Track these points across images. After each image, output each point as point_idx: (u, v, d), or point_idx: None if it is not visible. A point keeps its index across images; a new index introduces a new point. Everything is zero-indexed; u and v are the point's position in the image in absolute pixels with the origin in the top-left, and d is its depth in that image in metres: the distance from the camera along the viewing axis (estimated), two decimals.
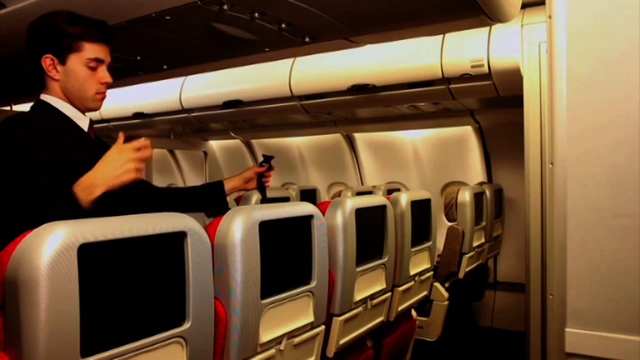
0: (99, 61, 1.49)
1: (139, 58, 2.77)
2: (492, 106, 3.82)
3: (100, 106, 1.57)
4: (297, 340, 1.53)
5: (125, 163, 1.32)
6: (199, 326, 1.19)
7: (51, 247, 0.91)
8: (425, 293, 2.54)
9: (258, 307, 1.36)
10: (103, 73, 1.50)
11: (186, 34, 2.38)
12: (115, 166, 1.31)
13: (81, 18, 1.48)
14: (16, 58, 2.79)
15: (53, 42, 1.44)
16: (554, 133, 1.27)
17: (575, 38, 1.23)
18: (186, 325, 1.16)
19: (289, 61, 3.76)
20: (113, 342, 1.02)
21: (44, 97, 1.49)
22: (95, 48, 1.47)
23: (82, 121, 1.52)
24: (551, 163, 1.30)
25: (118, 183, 1.31)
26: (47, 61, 1.45)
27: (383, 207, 2.03)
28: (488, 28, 3.02)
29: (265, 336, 1.38)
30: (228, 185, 1.91)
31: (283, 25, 2.27)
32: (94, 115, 4.88)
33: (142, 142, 1.36)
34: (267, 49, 2.66)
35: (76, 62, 1.46)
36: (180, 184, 6.37)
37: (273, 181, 3.00)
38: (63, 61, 1.46)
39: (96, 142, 1.54)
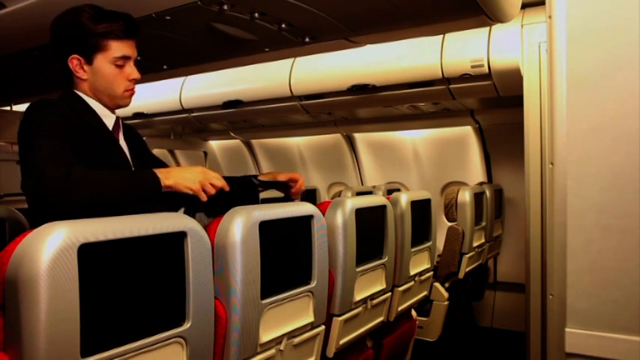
0: (126, 58, 1.46)
1: (138, 58, 2.76)
2: (492, 106, 3.82)
3: (129, 102, 1.55)
4: (297, 340, 1.53)
5: (202, 178, 1.34)
6: (199, 326, 1.19)
7: (51, 247, 0.91)
8: (425, 293, 2.54)
9: (258, 307, 1.36)
10: (131, 70, 1.48)
11: (186, 34, 2.38)
12: (193, 174, 1.33)
13: (105, 14, 1.44)
14: (16, 58, 2.80)
15: (79, 42, 1.42)
16: (554, 133, 1.27)
17: (575, 38, 1.23)
18: (187, 325, 1.16)
19: (289, 61, 3.76)
20: (113, 342, 1.02)
21: (75, 90, 1.47)
22: (121, 45, 1.45)
23: (108, 119, 1.50)
24: (551, 163, 1.30)
25: (184, 187, 1.31)
26: (74, 61, 1.43)
27: (383, 207, 2.03)
28: (488, 28, 3.02)
29: (265, 336, 1.38)
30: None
31: (283, 25, 2.27)
32: None
33: (222, 183, 1.39)
34: (267, 49, 2.66)
35: (103, 61, 1.44)
36: None
37: None
38: (90, 61, 1.44)
39: (119, 143, 1.52)
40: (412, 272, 2.28)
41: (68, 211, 1.09)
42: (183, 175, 1.32)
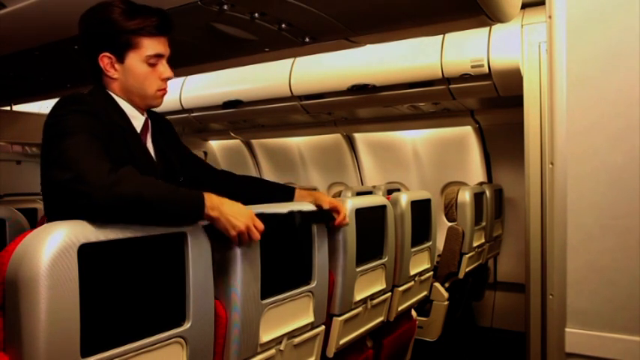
0: (159, 56, 1.39)
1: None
2: (492, 106, 3.82)
3: (161, 102, 1.48)
4: (297, 340, 1.53)
5: (249, 221, 1.23)
6: (199, 326, 1.19)
7: (51, 247, 0.91)
8: (425, 293, 2.54)
9: (259, 307, 1.35)
10: (164, 68, 1.41)
11: (186, 34, 2.37)
12: (242, 213, 1.23)
13: (138, 9, 1.36)
14: (16, 58, 2.80)
15: (109, 39, 1.34)
16: (554, 133, 1.27)
17: (575, 38, 1.23)
18: (187, 326, 1.16)
19: (289, 61, 3.76)
20: (113, 342, 1.02)
21: (104, 89, 1.41)
22: (154, 43, 1.37)
23: (137, 121, 1.43)
24: (551, 163, 1.30)
25: (228, 225, 1.21)
26: (105, 60, 1.36)
27: (383, 207, 2.03)
28: (488, 28, 3.02)
29: (265, 336, 1.38)
30: (297, 197, 1.71)
31: (283, 25, 2.27)
32: None
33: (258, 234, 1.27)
34: (267, 49, 2.66)
35: (135, 60, 1.36)
36: None
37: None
38: (121, 60, 1.36)
39: (146, 146, 1.44)
40: (412, 272, 2.28)
41: (109, 205, 1.02)
42: (232, 210, 1.22)
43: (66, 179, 1.06)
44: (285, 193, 1.69)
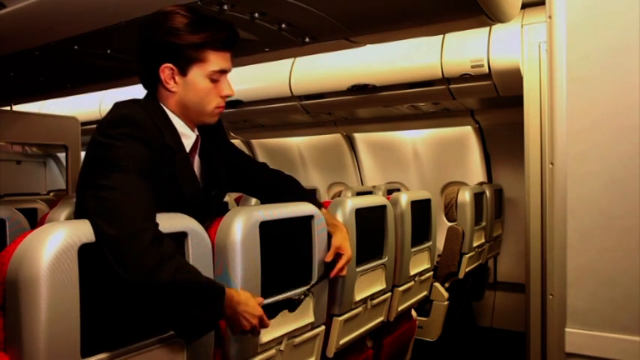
0: (223, 72, 1.32)
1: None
2: (492, 106, 3.82)
3: (216, 120, 1.39)
4: (297, 340, 1.53)
5: (254, 319, 1.21)
6: None
7: (52, 247, 0.91)
8: (425, 293, 2.54)
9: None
10: (226, 85, 1.33)
11: None
12: (251, 311, 1.20)
13: (205, 21, 1.29)
14: (16, 58, 2.80)
15: (174, 51, 1.26)
16: (554, 132, 1.27)
17: (575, 38, 1.23)
18: None
19: (289, 61, 3.77)
20: (113, 342, 1.02)
21: (159, 102, 1.32)
22: (220, 58, 1.30)
23: (188, 140, 1.35)
24: (551, 163, 1.30)
25: (238, 323, 1.20)
26: (166, 71, 1.27)
27: (383, 207, 2.03)
28: (488, 28, 3.02)
29: (265, 336, 1.38)
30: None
31: (283, 25, 2.27)
32: (93, 115, 4.87)
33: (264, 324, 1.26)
34: (267, 49, 2.66)
35: (199, 74, 1.29)
36: None
37: None
38: (184, 73, 1.28)
39: (192, 165, 1.37)
40: (412, 272, 2.28)
41: (143, 287, 1.01)
42: (247, 307, 1.19)
43: (110, 236, 1.00)
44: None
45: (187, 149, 1.35)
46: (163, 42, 1.26)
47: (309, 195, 1.65)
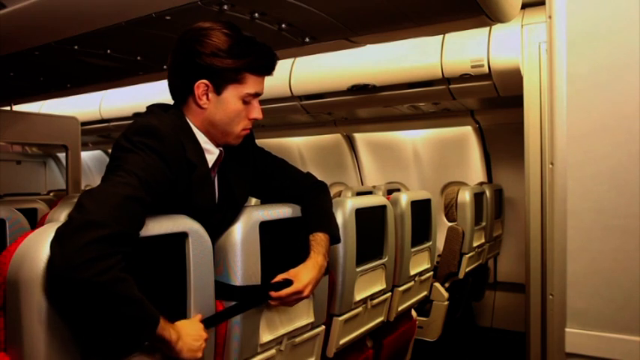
0: (257, 95, 1.32)
1: (138, 58, 2.76)
2: (492, 106, 3.83)
3: (239, 142, 1.37)
4: (297, 340, 1.53)
5: (191, 351, 1.10)
6: None
7: None
8: (425, 293, 2.54)
9: (259, 307, 1.36)
10: (256, 109, 1.33)
11: None
12: (190, 337, 1.11)
13: (247, 43, 1.28)
14: (16, 58, 2.80)
15: (214, 71, 1.24)
16: (554, 133, 1.27)
17: (575, 38, 1.23)
18: None
19: (289, 61, 3.76)
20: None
21: (185, 117, 1.30)
22: (257, 81, 1.30)
23: (211, 156, 1.33)
24: (551, 163, 1.30)
25: (185, 352, 1.09)
26: (201, 87, 1.26)
27: (383, 207, 2.03)
28: (488, 28, 3.02)
29: (265, 336, 1.38)
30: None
31: (283, 25, 2.27)
32: (93, 115, 4.87)
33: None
34: None
35: (233, 95, 1.28)
36: None
37: None
38: (218, 91, 1.27)
39: (212, 181, 1.34)
40: (412, 272, 2.28)
41: (66, 280, 0.89)
42: (185, 339, 1.09)
43: (69, 216, 0.94)
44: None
45: (210, 164, 1.32)
46: (204, 61, 1.24)
47: (327, 217, 1.55)
